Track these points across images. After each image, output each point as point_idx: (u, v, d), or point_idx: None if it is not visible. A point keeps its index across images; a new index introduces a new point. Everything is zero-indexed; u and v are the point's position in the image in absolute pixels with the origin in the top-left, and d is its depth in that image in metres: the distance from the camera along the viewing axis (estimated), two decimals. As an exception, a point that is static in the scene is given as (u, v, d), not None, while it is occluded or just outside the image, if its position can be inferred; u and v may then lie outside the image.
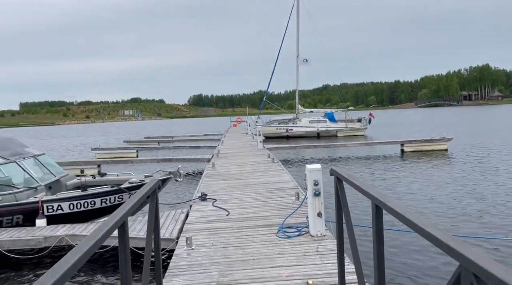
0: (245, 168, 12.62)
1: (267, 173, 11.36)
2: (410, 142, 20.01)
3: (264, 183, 9.88)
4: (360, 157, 19.57)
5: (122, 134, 53.43)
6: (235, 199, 8.33)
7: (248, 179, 10.61)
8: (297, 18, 35.04)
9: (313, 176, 5.87)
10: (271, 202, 7.96)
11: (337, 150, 21.64)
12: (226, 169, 12.48)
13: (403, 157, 19.11)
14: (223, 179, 10.82)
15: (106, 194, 7.84)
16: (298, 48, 35.24)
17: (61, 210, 7.55)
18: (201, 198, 8.36)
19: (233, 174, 11.54)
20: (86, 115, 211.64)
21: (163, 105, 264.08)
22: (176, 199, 11.12)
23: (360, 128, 34.16)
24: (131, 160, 16.48)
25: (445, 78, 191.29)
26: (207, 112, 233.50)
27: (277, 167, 12.29)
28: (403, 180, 13.46)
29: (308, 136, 33.51)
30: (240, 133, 32.22)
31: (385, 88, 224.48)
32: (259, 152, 17.01)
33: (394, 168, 16.02)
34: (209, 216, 7.17)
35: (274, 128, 33.97)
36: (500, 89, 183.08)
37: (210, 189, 9.43)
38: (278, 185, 9.52)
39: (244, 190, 9.26)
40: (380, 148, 21.28)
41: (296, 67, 35.21)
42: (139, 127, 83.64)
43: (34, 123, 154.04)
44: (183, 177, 8.79)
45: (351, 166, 16.94)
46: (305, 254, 5.15)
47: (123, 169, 17.55)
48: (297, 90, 36.22)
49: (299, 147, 20.61)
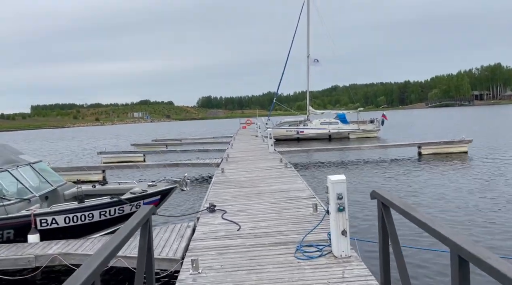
0: (256, 174, 11.88)
1: (279, 179, 10.62)
2: (428, 144, 19.10)
3: (277, 191, 9.14)
4: (374, 160, 18.73)
5: (132, 137, 53.08)
6: (246, 210, 7.61)
7: (260, 186, 9.87)
8: (307, 17, 34.30)
9: (336, 189, 5.11)
10: (286, 214, 7.22)
11: (350, 153, 20.81)
12: (236, 176, 11.77)
13: (421, 160, 18.23)
14: (233, 186, 10.10)
15: (105, 206, 7.17)
16: (309, 48, 34.48)
17: (56, 224, 6.89)
18: (209, 210, 7.65)
19: (244, 181, 10.81)
20: (96, 117, 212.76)
21: (172, 107, 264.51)
22: (182, 210, 10.43)
23: (373, 129, 33.22)
24: (137, 165, 15.86)
25: (456, 77, 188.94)
26: (216, 114, 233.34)
27: (291, 173, 11.53)
28: (423, 186, 12.64)
29: (320, 138, 32.68)
30: (250, 136, 31.51)
31: (394, 89, 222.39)
32: (270, 156, 16.27)
33: (411, 172, 15.18)
34: (218, 231, 6.45)
35: (284, 130, 33.20)
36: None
37: (219, 199, 8.72)
38: (292, 194, 8.77)
39: (255, 199, 8.53)
40: (395, 150, 20.40)
41: (307, 68, 34.46)
42: (149, 129, 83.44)
43: (44, 126, 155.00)
44: (190, 186, 8.09)
45: (366, 171, 16.13)
46: (330, 282, 4.41)
47: (129, 174, 16.97)
48: (308, 91, 35.42)
49: (312, 150, 19.81)
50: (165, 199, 8.03)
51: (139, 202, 7.51)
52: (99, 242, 6.47)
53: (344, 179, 5.21)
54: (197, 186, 13.62)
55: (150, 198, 7.66)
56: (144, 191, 7.60)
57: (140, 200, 7.52)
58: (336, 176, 5.23)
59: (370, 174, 15.27)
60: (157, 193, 7.74)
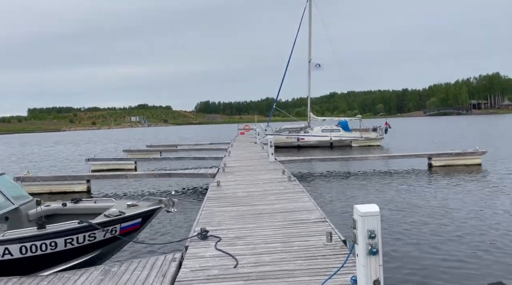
0: (256, 188, 10.58)
1: (283, 196, 9.31)
2: (439, 155, 17.83)
3: (281, 212, 7.83)
4: (381, 171, 17.45)
5: (126, 142, 51.67)
6: (245, 238, 6.30)
7: (261, 204, 8.57)
8: (309, 21, 33.23)
9: (368, 224, 3.84)
10: (294, 243, 5.92)
11: (354, 163, 19.52)
12: (233, 190, 10.45)
13: (431, 172, 16.98)
14: (229, 204, 8.79)
15: (72, 233, 5.84)
16: (310, 52, 33.35)
17: (10, 255, 5.56)
18: (200, 236, 6.34)
19: (242, 197, 9.50)
20: (93, 121, 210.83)
21: (170, 112, 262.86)
22: (168, 236, 8.79)
23: (376, 138, 31.97)
24: (125, 175, 14.51)
25: (454, 86, 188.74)
26: (214, 119, 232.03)
27: (295, 188, 10.23)
28: (434, 201, 11.41)
29: (321, 146, 31.45)
30: (248, 142, 30.23)
31: (392, 96, 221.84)
32: (271, 166, 14.98)
33: (422, 186, 13.93)
34: (210, 268, 5.14)
35: (284, 137, 31.92)
36: (510, 98, 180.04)
37: (212, 220, 7.42)
38: (299, 215, 7.47)
39: (256, 222, 7.22)
40: (404, 161, 19.14)
41: (308, 73, 33.29)
42: (144, 134, 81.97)
43: (39, 129, 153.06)
44: (178, 204, 6.77)
45: (373, 183, 14.86)
46: None
47: (116, 185, 15.63)
48: (309, 97, 34.21)
49: (315, 160, 18.48)
50: (147, 223, 6.72)
51: (115, 227, 6.19)
52: (60, 281, 5.14)
53: (378, 211, 3.93)
54: (189, 202, 12.18)
55: (129, 221, 6.34)
56: (121, 213, 6.28)
57: (116, 224, 6.19)
58: (367, 207, 3.94)
59: (378, 186, 13.99)
60: (137, 215, 6.42)
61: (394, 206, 10.86)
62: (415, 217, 9.66)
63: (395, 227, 8.95)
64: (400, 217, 9.77)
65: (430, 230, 8.61)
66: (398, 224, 9.17)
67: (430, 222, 9.24)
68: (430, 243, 7.81)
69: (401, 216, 9.87)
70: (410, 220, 9.42)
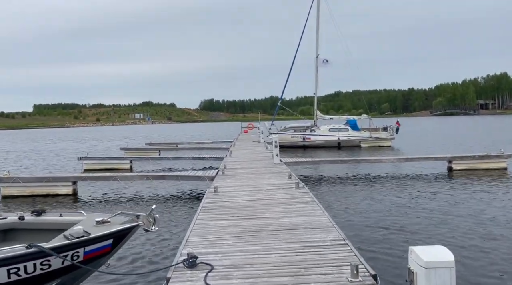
0: (259, 196, 9.16)
1: (291, 207, 7.89)
2: (461, 158, 16.32)
3: (289, 229, 6.42)
4: (395, 175, 15.96)
5: (128, 139, 50.42)
6: (244, 267, 4.88)
7: (264, 218, 7.15)
8: (317, 14, 31.77)
9: (436, 280, 2.42)
10: (308, 277, 4.50)
11: (365, 165, 18.02)
12: (233, 198, 9.04)
13: (452, 176, 15.49)
14: (227, 216, 7.38)
15: (17, 260, 4.46)
16: (318, 48, 31.87)
17: None
18: (187, 264, 4.93)
19: (242, 207, 8.08)
20: (97, 118, 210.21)
21: (174, 110, 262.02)
22: (145, 262, 7.05)
23: (387, 138, 30.41)
24: (115, 177, 13.14)
25: (461, 86, 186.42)
26: (218, 117, 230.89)
27: (304, 197, 8.80)
28: (460, 210, 9.97)
29: (328, 146, 29.96)
30: (252, 141, 28.81)
31: (398, 96, 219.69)
32: (276, 169, 13.56)
33: (442, 192, 12.50)
34: (194, 317, 3.73)
35: (289, 136, 30.45)
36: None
37: (205, 239, 6.01)
38: (313, 235, 6.04)
39: (258, 243, 5.80)
40: (420, 164, 17.66)
41: (315, 69, 31.79)
42: (147, 131, 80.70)
43: (43, 125, 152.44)
44: (159, 223, 5.35)
45: (389, 189, 13.40)
46: None
47: (105, 187, 14.27)
48: (316, 94, 32.70)
49: (324, 162, 17.00)
50: (120, 245, 5.32)
51: (77, 252, 4.80)
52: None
53: (452, 260, 2.50)
54: (179, 212, 10.60)
55: (96, 244, 4.95)
56: (86, 232, 4.88)
57: (78, 248, 4.80)
58: (432, 251, 2.53)
59: (394, 192, 12.53)
60: (107, 236, 5.03)
61: (421, 219, 9.42)
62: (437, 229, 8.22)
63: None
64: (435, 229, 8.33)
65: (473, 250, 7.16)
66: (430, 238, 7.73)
67: (456, 235, 7.80)
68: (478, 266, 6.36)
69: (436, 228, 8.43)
70: (448, 234, 7.97)
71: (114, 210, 10.35)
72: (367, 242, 7.62)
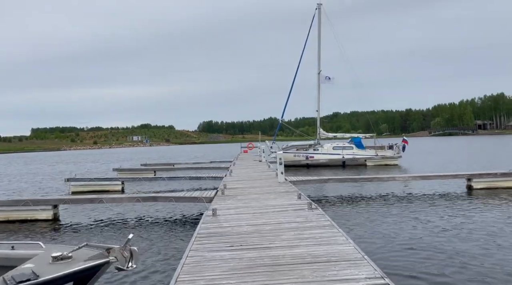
0: (266, 219, 7.76)
1: (306, 233, 6.49)
2: (481, 175, 14.97)
3: (308, 262, 5.02)
4: (408, 195, 14.53)
5: (122, 161, 48.99)
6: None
7: (275, 248, 5.74)
8: (318, 29, 30.98)
9: None
10: None
11: (377, 184, 16.63)
12: (235, 221, 7.64)
13: (472, 196, 14.09)
14: (228, 246, 5.97)
15: None
16: (319, 64, 30.93)
17: None
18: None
19: (246, 233, 6.68)
20: (94, 141, 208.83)
21: (173, 131, 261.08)
22: None
23: (394, 156, 29.08)
24: (101, 199, 11.70)
25: (459, 106, 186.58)
26: (217, 139, 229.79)
27: (320, 220, 7.40)
28: (485, 235, 8.55)
29: (332, 164, 28.60)
30: (252, 160, 27.46)
31: (396, 117, 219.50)
32: (282, 188, 12.18)
33: (462, 213, 11.11)
34: None
35: (292, 154, 29.11)
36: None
37: (200, 277, 4.60)
38: (340, 272, 4.64)
39: (270, 283, 4.40)
40: (435, 183, 16.30)
41: (318, 85, 30.75)
42: (143, 153, 79.18)
43: (39, 148, 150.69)
44: (137, 260, 3.97)
45: (405, 207, 12.00)
46: None
47: (91, 210, 12.82)
48: (318, 111, 31.57)
49: (332, 180, 15.60)
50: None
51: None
52: None
53: None
54: (169, 241, 8.94)
55: (48, 290, 3.56)
56: (34, 275, 3.50)
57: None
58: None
59: (417, 214, 11.10)
60: (64, 278, 3.65)
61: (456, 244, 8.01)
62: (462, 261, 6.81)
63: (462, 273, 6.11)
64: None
65: None
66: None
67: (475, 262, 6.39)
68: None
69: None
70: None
71: (90, 238, 8.88)
72: (411, 280, 6.14)
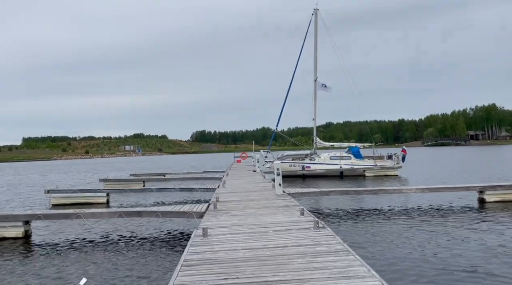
0: (265, 241, 6.56)
1: (316, 260, 5.30)
2: (494, 187, 13.92)
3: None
4: (412, 208, 13.39)
5: (109, 171, 47.48)
6: None
7: (280, 282, 4.55)
8: (315, 35, 30.07)
9: None
10: None
11: (382, 196, 15.51)
12: (229, 244, 6.43)
13: (484, 209, 13.03)
14: (221, 278, 4.75)
15: None
16: (316, 71, 29.94)
17: None
18: None
19: (243, 260, 5.47)
20: (86, 150, 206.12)
21: (166, 141, 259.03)
22: None
23: (393, 166, 28.04)
24: (78, 214, 10.41)
25: (451, 117, 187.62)
26: (210, 148, 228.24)
27: (331, 243, 6.20)
28: (498, 254, 7.45)
29: (329, 175, 27.48)
30: (246, 171, 26.26)
31: (389, 127, 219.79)
32: (280, 202, 11.00)
33: (475, 229, 10.03)
34: None
35: (287, 164, 27.96)
36: (507, 129, 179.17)
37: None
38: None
39: None
40: (443, 195, 15.24)
41: (314, 93, 29.74)
42: (134, 162, 77.55)
43: (29, 158, 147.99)
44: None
45: (410, 225, 10.88)
46: None
47: (67, 226, 11.52)
48: (315, 119, 30.47)
49: (334, 192, 14.44)
50: None
51: None
52: None
53: None
54: (149, 269, 7.40)
55: None
56: None
57: None
58: None
59: (419, 232, 9.96)
60: None
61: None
62: None
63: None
64: None
65: None
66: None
67: None
68: None
69: None
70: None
71: (64, 260, 7.53)
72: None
